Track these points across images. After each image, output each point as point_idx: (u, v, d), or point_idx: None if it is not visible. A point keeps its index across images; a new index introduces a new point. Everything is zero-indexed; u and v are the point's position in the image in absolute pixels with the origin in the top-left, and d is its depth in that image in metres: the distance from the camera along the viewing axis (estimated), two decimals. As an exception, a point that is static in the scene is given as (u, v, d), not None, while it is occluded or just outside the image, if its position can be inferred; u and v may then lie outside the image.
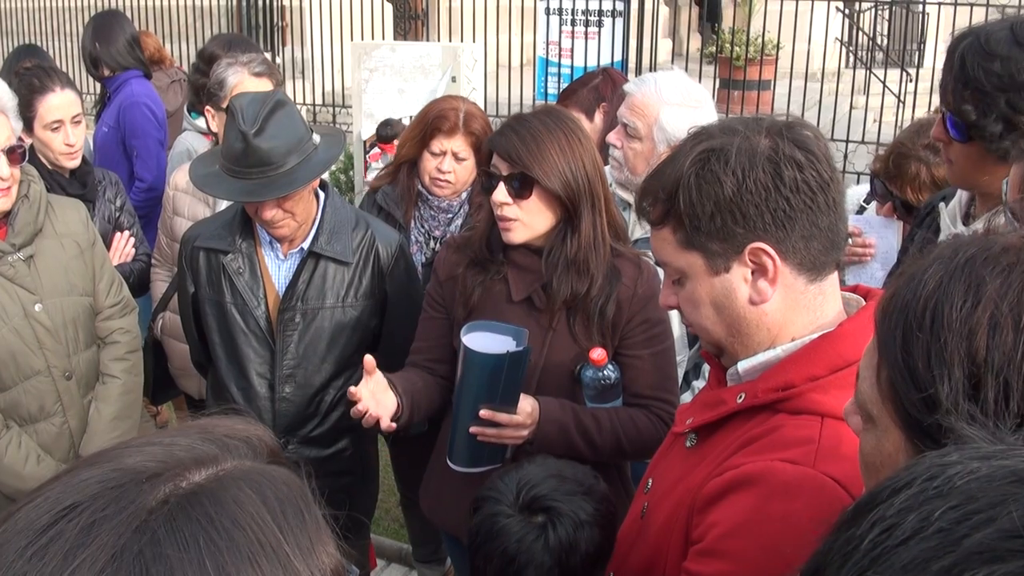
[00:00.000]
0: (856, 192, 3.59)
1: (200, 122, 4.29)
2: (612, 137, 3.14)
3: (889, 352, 1.10)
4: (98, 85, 5.34)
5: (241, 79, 3.63)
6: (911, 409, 1.07)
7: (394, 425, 2.45)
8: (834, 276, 1.57)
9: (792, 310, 1.53)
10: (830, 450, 1.40)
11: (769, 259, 1.48)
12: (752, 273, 1.51)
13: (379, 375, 2.43)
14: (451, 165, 3.45)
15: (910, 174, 3.09)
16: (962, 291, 1.04)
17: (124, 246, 3.86)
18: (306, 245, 2.90)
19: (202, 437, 0.79)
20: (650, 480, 1.80)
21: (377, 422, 2.41)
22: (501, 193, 2.45)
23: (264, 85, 3.58)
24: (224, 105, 3.62)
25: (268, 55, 11.67)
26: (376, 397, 2.41)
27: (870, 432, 1.16)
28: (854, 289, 1.68)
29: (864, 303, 1.60)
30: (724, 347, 1.61)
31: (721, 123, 1.57)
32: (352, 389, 2.38)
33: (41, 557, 0.67)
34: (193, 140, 4.32)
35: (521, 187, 2.44)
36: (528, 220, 2.47)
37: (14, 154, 2.84)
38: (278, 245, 2.92)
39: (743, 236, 1.48)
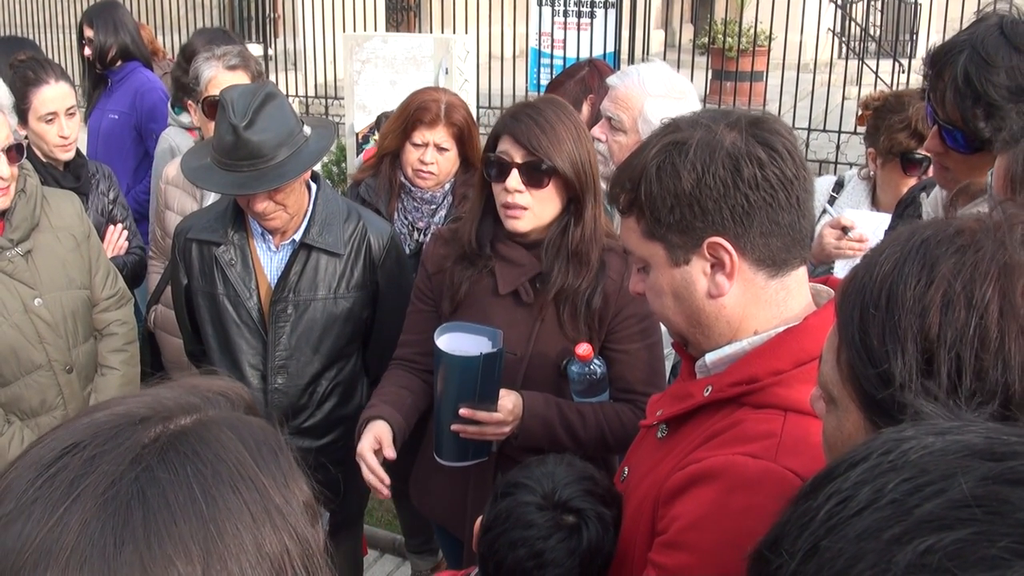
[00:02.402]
0: (824, 182, 3.57)
1: (183, 117, 4.30)
2: (596, 131, 3.14)
3: (847, 332, 1.12)
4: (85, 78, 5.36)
5: (215, 73, 3.63)
6: (867, 386, 1.09)
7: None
8: (801, 272, 1.58)
9: (752, 304, 1.54)
10: (792, 444, 1.42)
11: (727, 254, 1.50)
12: (711, 267, 1.52)
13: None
14: (433, 156, 3.46)
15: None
16: (916, 271, 1.07)
17: (117, 239, 3.87)
18: (298, 237, 2.91)
19: (185, 391, 0.88)
20: (626, 469, 1.83)
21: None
22: (515, 180, 2.43)
23: (239, 78, 3.59)
24: (201, 99, 3.64)
25: (260, 47, 11.67)
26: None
27: (832, 414, 1.19)
28: (825, 281, 1.68)
29: (833, 295, 1.61)
30: (686, 337, 1.63)
31: (691, 116, 1.57)
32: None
33: (50, 485, 0.76)
34: (176, 136, 4.31)
35: (538, 175, 2.43)
36: (538, 209, 2.47)
37: (12, 152, 2.86)
38: (270, 237, 2.94)
39: (702, 230, 1.50)
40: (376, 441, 2.46)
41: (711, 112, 1.59)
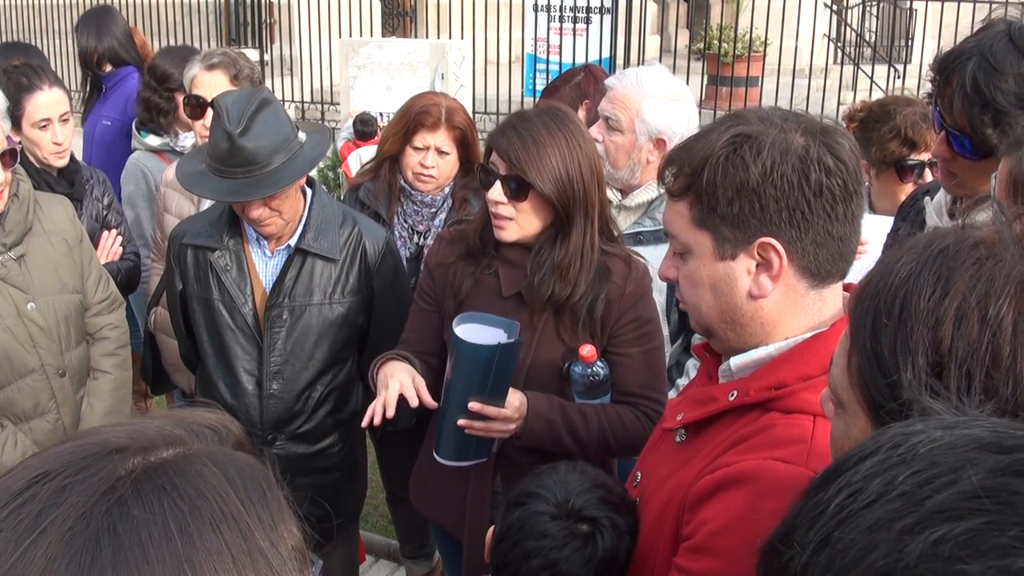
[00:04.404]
0: None
1: (149, 140, 4.24)
2: (594, 131, 3.13)
3: (859, 339, 1.12)
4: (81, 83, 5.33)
5: (196, 72, 3.71)
6: (876, 395, 1.08)
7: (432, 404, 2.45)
8: (838, 285, 1.57)
9: (789, 310, 1.53)
10: (822, 449, 1.39)
11: (777, 256, 1.48)
12: (757, 266, 1.51)
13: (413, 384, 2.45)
14: (434, 160, 3.46)
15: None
16: (932, 281, 1.05)
17: (112, 244, 3.87)
18: (293, 242, 2.91)
19: (171, 422, 0.83)
20: (639, 474, 1.81)
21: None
22: (496, 192, 2.46)
23: (218, 78, 3.64)
24: (183, 98, 3.73)
25: (256, 52, 11.68)
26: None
27: (840, 417, 1.18)
28: (846, 287, 1.67)
29: None
30: (715, 332, 1.61)
31: (758, 111, 1.56)
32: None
33: (17, 516, 0.71)
34: (144, 160, 4.23)
35: (517, 189, 2.45)
36: (522, 221, 2.49)
37: (6, 157, 2.86)
38: (265, 242, 2.94)
39: (757, 228, 1.48)
40: (408, 386, 2.41)
41: (779, 111, 1.57)
